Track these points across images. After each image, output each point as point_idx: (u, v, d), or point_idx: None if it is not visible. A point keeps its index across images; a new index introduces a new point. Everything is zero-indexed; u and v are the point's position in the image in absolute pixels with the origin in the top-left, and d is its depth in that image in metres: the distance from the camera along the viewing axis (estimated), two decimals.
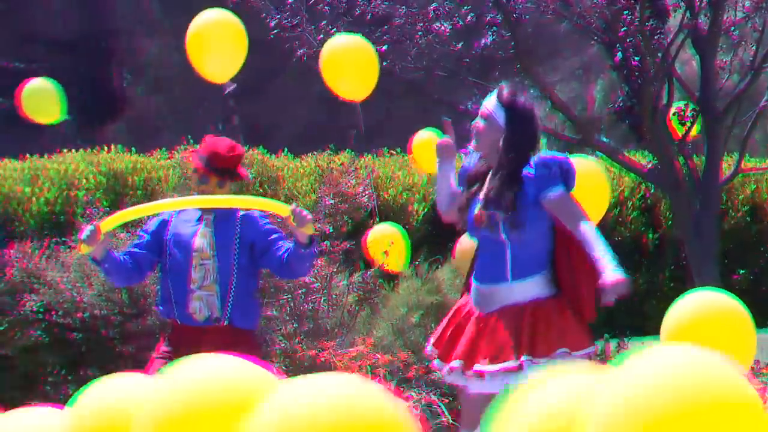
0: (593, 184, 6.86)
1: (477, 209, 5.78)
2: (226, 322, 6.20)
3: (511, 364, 5.51)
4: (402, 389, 8.21)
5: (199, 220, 6.35)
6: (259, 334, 7.56)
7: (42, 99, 9.12)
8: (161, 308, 6.38)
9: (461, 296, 5.99)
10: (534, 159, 5.72)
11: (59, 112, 9.19)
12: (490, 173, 5.81)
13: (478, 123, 5.83)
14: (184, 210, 6.42)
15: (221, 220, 6.33)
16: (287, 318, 9.19)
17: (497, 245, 5.72)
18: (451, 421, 8.01)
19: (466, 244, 9.58)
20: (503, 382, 5.56)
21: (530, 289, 5.69)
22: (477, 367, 5.59)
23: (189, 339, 6.17)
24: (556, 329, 5.60)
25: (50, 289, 9.25)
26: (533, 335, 5.57)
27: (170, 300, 6.27)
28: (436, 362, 5.85)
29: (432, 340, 5.93)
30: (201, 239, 6.28)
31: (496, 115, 5.78)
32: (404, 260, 10.52)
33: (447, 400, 8.10)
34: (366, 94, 8.44)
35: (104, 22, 27.79)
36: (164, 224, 6.40)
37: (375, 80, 8.33)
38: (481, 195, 5.81)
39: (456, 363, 5.66)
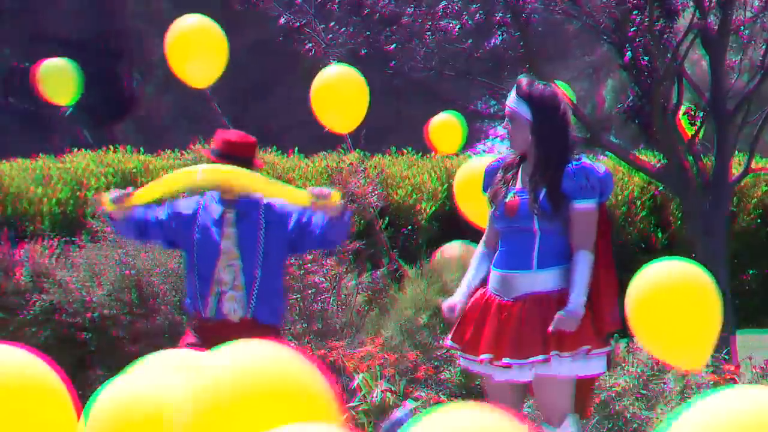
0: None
1: (509, 198, 5.82)
2: (249, 316, 6.25)
3: (539, 358, 5.59)
4: (411, 389, 8.21)
5: (222, 218, 6.35)
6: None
7: (59, 78, 9.02)
8: (188, 301, 6.44)
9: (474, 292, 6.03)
10: (577, 162, 5.79)
11: (74, 93, 9.10)
12: (532, 165, 5.85)
13: (506, 124, 5.89)
14: (209, 206, 6.42)
15: (244, 217, 6.35)
16: (296, 318, 9.19)
17: (526, 234, 5.79)
18: None
19: (449, 251, 9.69)
20: (531, 372, 5.63)
21: (553, 278, 5.76)
22: (505, 360, 5.66)
23: (213, 332, 6.20)
24: (582, 326, 5.67)
25: (59, 289, 9.27)
26: (561, 330, 5.63)
27: (196, 296, 6.31)
28: (460, 357, 5.91)
29: (450, 335, 5.98)
30: (227, 241, 6.30)
31: (520, 110, 5.84)
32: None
33: (456, 400, 8.10)
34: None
35: (115, 22, 27.81)
36: (190, 220, 6.41)
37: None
38: (517, 185, 5.86)
39: (486, 356, 5.73)
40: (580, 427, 5.77)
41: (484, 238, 6.07)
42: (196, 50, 7.67)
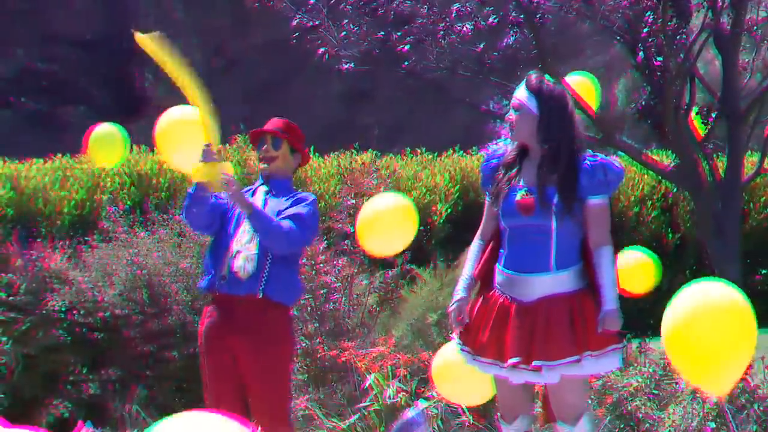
0: None
1: (520, 196, 5.78)
2: (260, 295, 6.28)
3: (573, 359, 5.58)
4: (423, 389, 8.21)
5: (254, 192, 6.54)
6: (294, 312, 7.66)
7: (108, 143, 9.02)
8: (206, 277, 6.46)
9: (478, 292, 5.97)
10: (593, 159, 5.78)
11: (122, 155, 9.12)
12: (540, 162, 5.82)
13: (512, 115, 5.87)
14: (253, 187, 6.61)
15: (273, 195, 6.50)
16: (308, 318, 9.21)
17: (539, 233, 5.74)
18: (471, 421, 8.02)
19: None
20: (560, 374, 5.63)
21: (573, 279, 5.74)
22: (535, 362, 5.62)
23: (224, 311, 6.31)
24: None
25: (72, 289, 9.29)
26: (587, 330, 5.65)
27: (216, 259, 6.38)
28: (473, 361, 5.86)
29: (457, 337, 5.93)
30: None
31: (528, 104, 5.82)
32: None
33: None
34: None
35: (126, 22, 27.85)
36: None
37: None
38: (522, 182, 5.81)
39: (515, 359, 5.65)
40: (595, 425, 5.77)
41: (480, 230, 6.02)
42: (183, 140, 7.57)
